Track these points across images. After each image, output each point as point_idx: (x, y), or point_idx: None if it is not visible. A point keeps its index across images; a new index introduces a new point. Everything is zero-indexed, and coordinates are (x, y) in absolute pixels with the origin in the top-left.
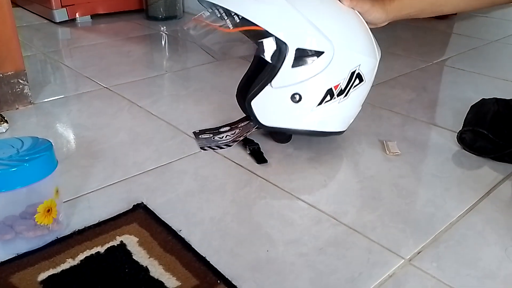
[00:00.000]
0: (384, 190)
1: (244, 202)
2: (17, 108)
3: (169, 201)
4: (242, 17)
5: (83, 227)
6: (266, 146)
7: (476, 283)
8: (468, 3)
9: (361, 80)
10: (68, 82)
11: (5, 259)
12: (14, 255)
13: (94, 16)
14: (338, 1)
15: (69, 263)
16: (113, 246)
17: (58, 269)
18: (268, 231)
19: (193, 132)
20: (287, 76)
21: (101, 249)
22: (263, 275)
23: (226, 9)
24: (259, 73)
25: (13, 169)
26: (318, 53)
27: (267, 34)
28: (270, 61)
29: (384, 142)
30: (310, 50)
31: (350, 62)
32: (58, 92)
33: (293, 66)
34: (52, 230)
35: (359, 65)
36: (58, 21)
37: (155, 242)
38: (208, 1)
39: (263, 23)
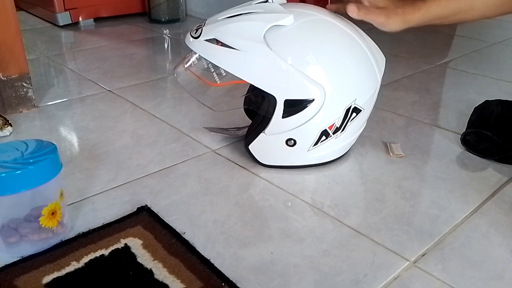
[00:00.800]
0: (388, 192)
1: (248, 204)
2: (21, 112)
3: (173, 203)
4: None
5: (88, 229)
6: None
7: (481, 285)
8: (494, 11)
9: (358, 112)
10: (72, 85)
11: (9, 262)
12: (19, 258)
13: (97, 20)
14: (331, 27)
15: (73, 266)
16: (118, 248)
17: (63, 272)
18: (272, 233)
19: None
20: (279, 125)
21: (106, 251)
22: (267, 277)
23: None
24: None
25: (18, 172)
26: (309, 101)
27: (254, 87)
28: (260, 113)
29: (388, 144)
30: (300, 100)
31: (344, 100)
32: (62, 95)
33: (283, 116)
34: (56, 233)
35: (355, 99)
36: (61, 25)
37: (159, 245)
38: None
39: (249, 78)
